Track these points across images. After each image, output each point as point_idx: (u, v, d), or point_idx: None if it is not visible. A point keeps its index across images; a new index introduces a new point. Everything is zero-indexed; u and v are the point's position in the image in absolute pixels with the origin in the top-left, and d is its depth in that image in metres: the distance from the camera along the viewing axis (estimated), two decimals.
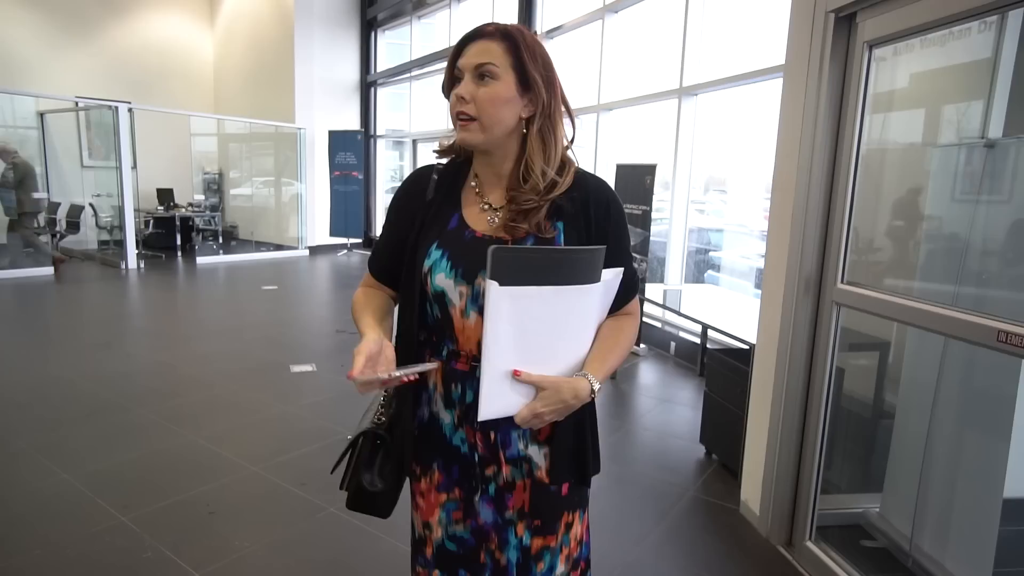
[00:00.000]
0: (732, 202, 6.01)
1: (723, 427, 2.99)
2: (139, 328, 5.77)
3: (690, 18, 5.35)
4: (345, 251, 10.49)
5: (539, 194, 1.01)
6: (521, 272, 0.89)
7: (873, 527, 2.34)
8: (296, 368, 4.28)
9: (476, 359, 1.02)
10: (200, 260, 9.28)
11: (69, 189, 9.63)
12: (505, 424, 1.02)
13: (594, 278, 0.96)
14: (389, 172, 11.97)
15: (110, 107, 8.36)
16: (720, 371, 3.04)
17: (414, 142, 10.60)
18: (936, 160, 2.29)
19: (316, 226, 10.59)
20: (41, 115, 9.59)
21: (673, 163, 5.43)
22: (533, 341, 0.94)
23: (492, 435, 1.06)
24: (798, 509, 2.31)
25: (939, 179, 2.26)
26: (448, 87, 1.04)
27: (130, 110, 8.38)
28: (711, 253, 5.86)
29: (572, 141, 1.08)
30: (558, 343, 0.98)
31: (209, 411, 3.52)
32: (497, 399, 0.94)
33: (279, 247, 10.60)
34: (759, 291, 2.62)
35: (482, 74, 0.98)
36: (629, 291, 1.08)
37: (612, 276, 1.00)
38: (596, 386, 0.99)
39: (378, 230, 11.31)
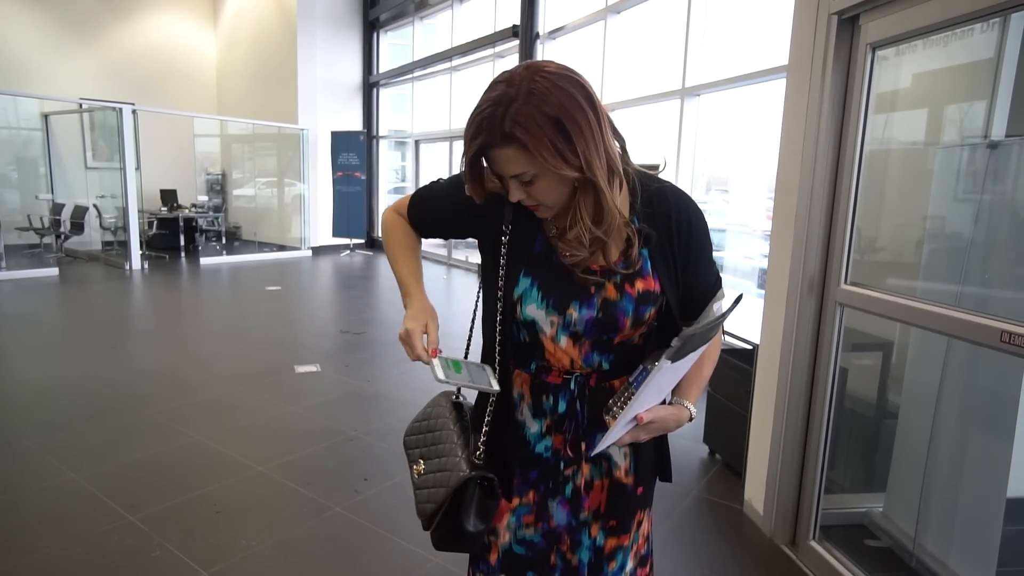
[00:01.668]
0: (735, 202, 6.01)
1: (727, 427, 3.00)
2: (144, 329, 5.79)
3: (692, 19, 5.36)
4: (348, 251, 10.51)
5: (584, 246, 0.95)
6: (691, 346, 0.88)
7: (877, 526, 2.34)
8: (300, 368, 4.30)
9: (568, 372, 1.03)
10: (203, 261, 9.31)
11: (73, 190, 9.69)
12: (593, 431, 1.03)
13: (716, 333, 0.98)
14: (391, 173, 11.99)
15: (114, 108, 8.39)
16: (724, 371, 3.04)
17: (416, 143, 10.61)
18: (939, 160, 2.30)
19: (319, 227, 10.61)
20: (45, 116, 9.64)
21: (676, 163, 5.44)
22: (662, 391, 0.97)
23: (583, 446, 1.05)
24: (802, 508, 2.32)
25: (942, 179, 2.27)
26: (470, 169, 0.94)
27: (134, 111, 8.41)
28: (714, 253, 5.85)
29: (624, 155, 0.98)
30: (673, 382, 1.01)
31: (214, 411, 3.54)
32: (614, 436, 0.94)
33: (282, 248, 10.63)
34: (762, 291, 2.63)
35: (523, 180, 0.91)
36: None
37: (725, 307, 0.96)
38: (693, 411, 1.01)
39: (379, 231, 11.32)
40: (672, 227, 1.01)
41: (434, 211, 1.12)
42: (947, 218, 2.29)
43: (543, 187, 0.91)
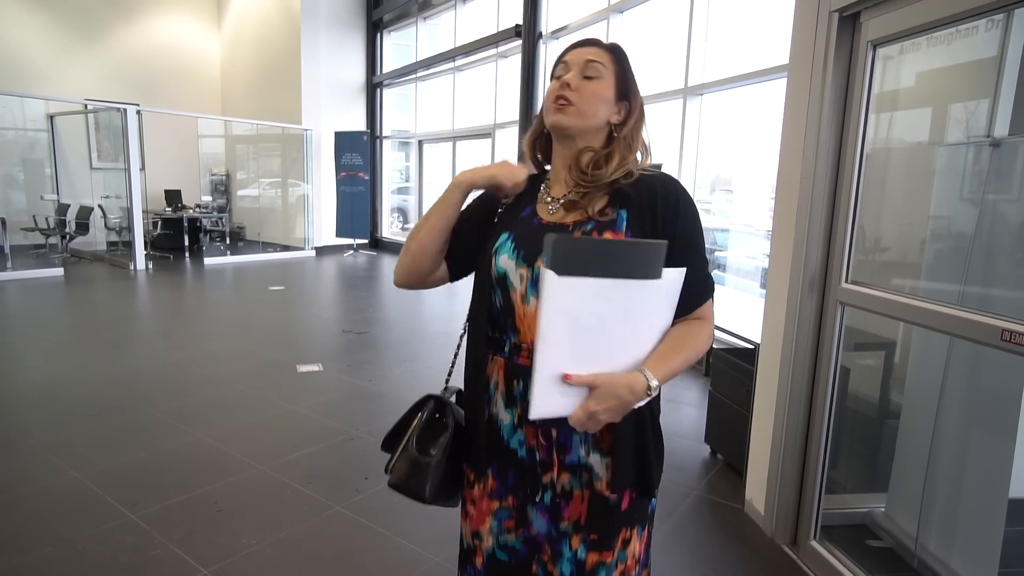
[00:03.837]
0: (738, 202, 6.00)
1: (728, 427, 2.99)
2: (147, 328, 5.81)
3: (695, 18, 5.34)
4: (351, 252, 10.53)
5: (601, 179, 1.04)
6: (579, 263, 0.87)
7: (878, 527, 2.33)
8: (303, 368, 4.31)
9: None
10: (208, 261, 9.34)
11: (78, 191, 9.74)
12: (566, 425, 0.96)
13: (654, 274, 0.91)
14: (395, 173, 12.01)
15: (118, 109, 8.44)
16: (725, 371, 3.04)
17: (420, 143, 10.63)
18: (941, 159, 2.29)
19: (322, 227, 10.64)
20: (51, 117, 9.69)
21: (678, 163, 5.43)
22: (588, 337, 0.91)
23: (554, 433, 1.03)
24: (803, 508, 2.31)
25: (944, 178, 2.26)
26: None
27: (138, 112, 8.45)
28: (717, 253, 5.85)
29: (647, 153, 1.12)
30: (615, 342, 0.94)
31: (217, 410, 3.55)
32: (550, 397, 0.91)
33: (286, 248, 10.66)
34: (764, 291, 2.62)
35: (588, 72, 1.05)
36: (700, 294, 1.03)
37: (675, 276, 0.94)
38: (653, 382, 0.93)
39: (385, 231, 11.41)
40: (657, 199, 1.03)
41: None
42: (949, 217, 2.28)
43: (594, 89, 1.05)
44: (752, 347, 2.78)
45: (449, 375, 1.21)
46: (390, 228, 11.69)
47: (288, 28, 10.26)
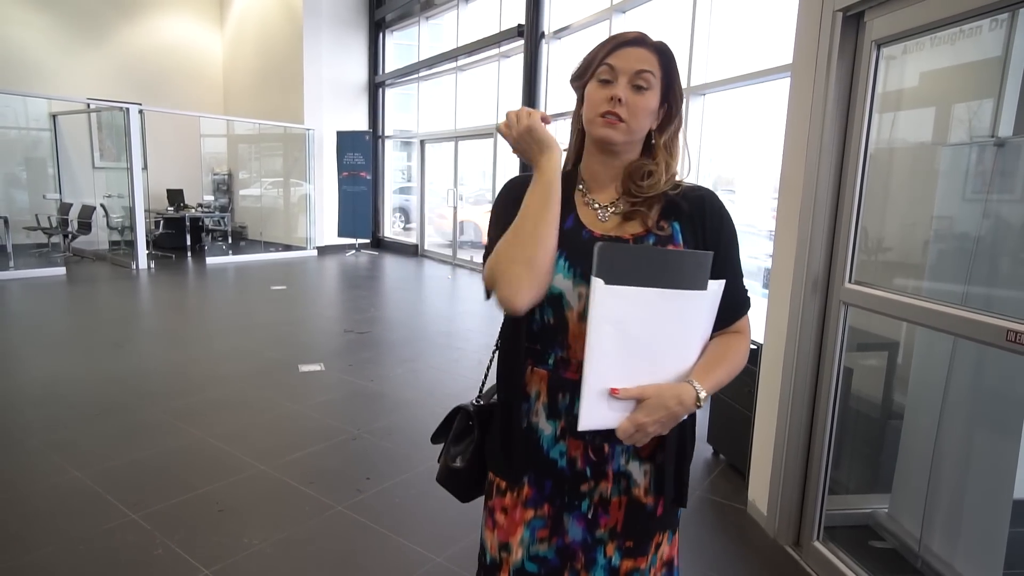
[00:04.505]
0: (741, 202, 5.99)
1: (731, 427, 2.98)
2: (150, 328, 5.82)
3: (698, 18, 5.34)
4: (353, 251, 10.54)
5: (656, 189, 1.02)
6: (628, 271, 0.87)
7: (882, 527, 2.32)
8: (304, 367, 4.31)
9: None
10: (210, 260, 9.35)
11: (81, 190, 9.75)
12: (613, 437, 0.95)
13: (701, 285, 0.93)
14: (397, 173, 12.01)
15: (121, 108, 8.45)
16: None
17: (422, 143, 10.62)
18: (945, 159, 2.28)
19: (324, 226, 10.64)
20: (53, 117, 9.70)
21: (681, 163, 5.41)
22: (636, 348, 0.91)
23: (606, 447, 1.02)
24: (806, 509, 2.31)
25: (948, 178, 2.25)
26: (582, 80, 1.04)
27: (141, 111, 8.46)
28: None
29: (686, 156, 1.10)
30: (661, 352, 0.94)
31: (218, 410, 3.55)
32: (598, 409, 0.90)
33: (288, 247, 10.66)
34: (767, 291, 2.61)
35: (639, 84, 0.99)
36: (739, 308, 1.05)
37: (717, 287, 0.96)
38: (702, 394, 0.93)
39: (386, 230, 11.41)
40: (705, 213, 1.04)
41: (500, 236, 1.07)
42: (953, 217, 2.27)
43: (643, 102, 0.99)
44: (755, 347, 2.78)
45: (483, 386, 1.21)
46: (392, 228, 11.69)
47: (290, 27, 10.27)
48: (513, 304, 0.95)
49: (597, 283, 0.86)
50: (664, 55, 1.01)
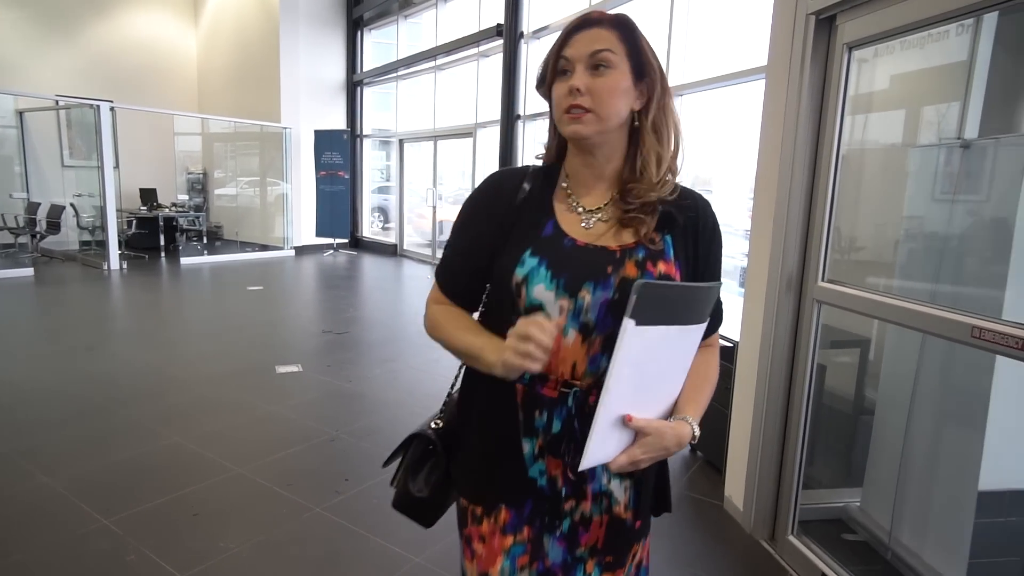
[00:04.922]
0: (717, 202, 6.05)
1: (707, 424, 3.00)
2: (122, 330, 5.70)
3: (675, 19, 5.39)
4: (331, 251, 10.44)
5: (655, 190, 0.95)
6: (660, 311, 0.82)
7: (854, 521, 2.37)
8: (282, 369, 4.26)
9: (567, 385, 0.94)
10: (184, 261, 9.19)
11: (49, 189, 9.51)
12: None
13: (707, 315, 0.92)
14: (375, 172, 11.92)
15: (91, 106, 8.25)
16: None
17: (400, 142, 10.57)
18: (914, 160, 2.34)
19: (302, 226, 10.52)
20: (20, 113, 9.45)
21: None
22: (646, 383, 0.88)
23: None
24: (781, 504, 2.35)
25: (917, 179, 2.31)
26: (547, 82, 0.97)
27: (112, 109, 8.28)
28: None
29: (678, 135, 1.01)
30: (664, 382, 0.92)
31: (194, 412, 3.49)
32: (602, 449, 0.86)
33: (264, 247, 10.52)
34: (743, 289, 2.65)
35: (597, 64, 0.91)
36: (718, 322, 1.03)
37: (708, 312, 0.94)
38: (696, 431, 0.92)
39: (365, 230, 11.33)
40: (699, 225, 0.99)
41: (466, 256, 1.02)
42: (922, 217, 2.33)
43: (610, 82, 0.92)
44: (730, 345, 2.81)
45: (445, 405, 1.13)
46: (370, 227, 11.60)
47: (267, 25, 10.13)
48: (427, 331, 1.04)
49: (628, 324, 0.80)
50: (623, 27, 0.94)
